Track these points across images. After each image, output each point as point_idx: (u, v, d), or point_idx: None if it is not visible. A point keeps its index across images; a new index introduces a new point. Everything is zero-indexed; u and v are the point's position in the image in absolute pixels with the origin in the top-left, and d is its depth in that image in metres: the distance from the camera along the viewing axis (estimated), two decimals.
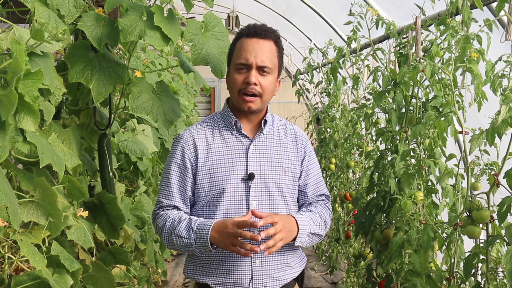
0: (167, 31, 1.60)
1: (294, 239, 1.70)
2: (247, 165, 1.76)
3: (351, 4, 3.22)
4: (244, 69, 1.74)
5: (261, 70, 1.74)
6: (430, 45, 2.49)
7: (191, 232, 1.68)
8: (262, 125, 1.82)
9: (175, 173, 1.79)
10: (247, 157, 1.77)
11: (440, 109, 2.41)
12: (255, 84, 1.73)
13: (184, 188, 1.78)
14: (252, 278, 1.73)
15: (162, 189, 1.82)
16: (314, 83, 5.20)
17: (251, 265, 1.73)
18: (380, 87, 3.21)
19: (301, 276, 1.89)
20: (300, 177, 1.84)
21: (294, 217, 1.72)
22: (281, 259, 1.78)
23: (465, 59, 2.05)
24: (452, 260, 2.03)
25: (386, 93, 2.66)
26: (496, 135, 1.80)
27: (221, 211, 1.73)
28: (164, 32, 1.60)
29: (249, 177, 1.74)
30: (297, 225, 1.70)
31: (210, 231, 1.64)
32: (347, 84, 4.77)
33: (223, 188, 1.73)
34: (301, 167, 1.84)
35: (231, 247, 1.62)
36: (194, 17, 5.25)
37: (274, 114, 1.92)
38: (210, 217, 1.74)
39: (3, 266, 1.45)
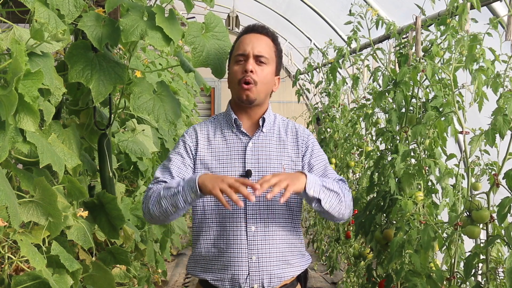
0: (169, 32, 1.60)
1: (305, 190, 1.65)
2: (244, 162, 1.78)
3: (351, 4, 3.22)
4: (242, 60, 1.79)
5: (258, 60, 1.78)
6: (430, 45, 2.49)
7: (181, 182, 1.67)
8: (261, 123, 1.83)
9: (175, 157, 1.81)
10: (245, 154, 1.79)
11: (440, 109, 2.41)
12: (251, 71, 1.76)
13: (183, 170, 1.78)
14: (249, 274, 1.73)
15: (160, 167, 1.82)
16: (314, 83, 5.19)
17: (248, 261, 1.74)
18: (380, 87, 3.21)
19: (305, 276, 1.89)
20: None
21: (299, 171, 1.72)
22: (279, 256, 1.77)
23: (476, 58, 2.04)
24: (452, 260, 2.03)
25: (386, 93, 2.66)
26: (497, 135, 1.80)
27: (218, 207, 1.76)
28: (165, 33, 1.60)
29: (247, 174, 1.77)
30: (305, 175, 1.67)
31: (201, 175, 1.64)
32: (347, 84, 4.76)
33: None
34: (302, 162, 1.84)
35: (216, 191, 1.57)
36: (194, 17, 5.25)
37: (277, 114, 1.94)
38: (209, 213, 1.77)
39: (3, 266, 1.45)
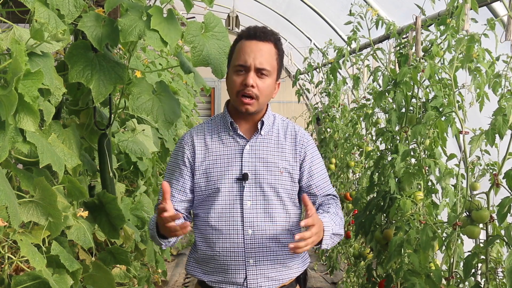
0: (165, 33, 1.59)
1: (320, 243, 1.68)
2: (241, 166, 1.77)
3: (351, 4, 3.22)
4: (242, 71, 1.74)
5: (259, 72, 1.73)
6: (430, 45, 2.49)
7: (152, 224, 1.77)
8: (259, 126, 1.82)
9: (172, 172, 1.84)
10: (242, 157, 1.78)
11: (440, 109, 2.41)
12: (252, 86, 1.72)
13: (181, 186, 1.81)
14: (246, 277, 1.73)
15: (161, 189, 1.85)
16: (314, 83, 5.19)
17: (245, 264, 1.74)
18: (380, 87, 3.21)
19: (304, 278, 1.89)
20: (302, 178, 1.83)
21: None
22: (276, 259, 1.77)
23: (473, 59, 2.04)
24: (452, 260, 2.04)
25: (386, 93, 2.66)
26: (496, 135, 1.80)
27: (216, 210, 1.76)
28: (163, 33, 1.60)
29: (243, 177, 1.75)
30: (323, 228, 1.68)
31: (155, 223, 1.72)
32: (347, 84, 4.77)
33: (218, 188, 1.76)
34: (301, 168, 1.82)
35: (166, 228, 1.61)
36: (194, 17, 5.24)
37: (277, 114, 1.90)
38: (206, 216, 1.78)
39: (3, 266, 1.45)
